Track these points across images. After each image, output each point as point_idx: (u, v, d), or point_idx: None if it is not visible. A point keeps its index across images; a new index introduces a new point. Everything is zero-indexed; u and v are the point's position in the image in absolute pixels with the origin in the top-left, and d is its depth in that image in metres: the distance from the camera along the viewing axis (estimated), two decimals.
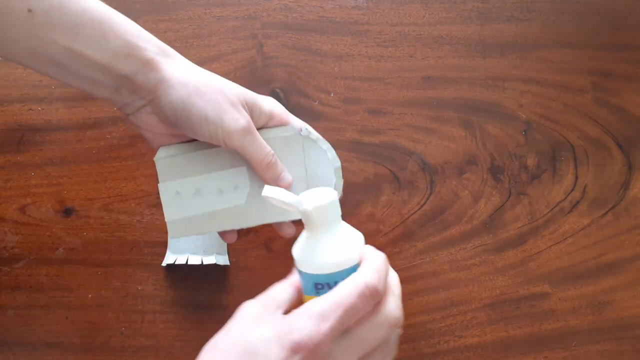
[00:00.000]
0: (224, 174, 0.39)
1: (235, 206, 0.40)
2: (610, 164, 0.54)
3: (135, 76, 0.35)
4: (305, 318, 0.30)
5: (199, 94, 0.36)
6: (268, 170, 0.38)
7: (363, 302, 0.30)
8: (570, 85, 0.54)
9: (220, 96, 0.36)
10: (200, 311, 0.49)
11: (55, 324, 0.48)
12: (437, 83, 0.53)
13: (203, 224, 0.40)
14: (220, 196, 0.39)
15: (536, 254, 0.52)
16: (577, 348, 0.51)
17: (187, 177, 0.39)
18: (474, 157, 0.53)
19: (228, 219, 0.40)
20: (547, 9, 0.55)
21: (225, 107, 0.36)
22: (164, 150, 0.39)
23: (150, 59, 0.35)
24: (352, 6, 0.53)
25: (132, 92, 0.36)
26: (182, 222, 0.39)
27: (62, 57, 0.34)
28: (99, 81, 0.35)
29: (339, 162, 0.41)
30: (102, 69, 0.34)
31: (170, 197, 0.39)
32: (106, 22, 0.34)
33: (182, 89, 0.35)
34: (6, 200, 0.49)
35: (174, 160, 0.39)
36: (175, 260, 0.46)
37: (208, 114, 0.35)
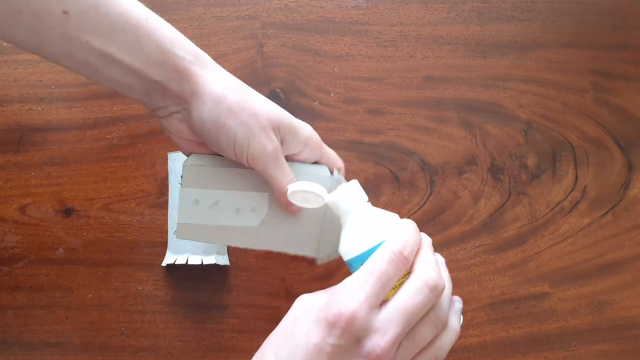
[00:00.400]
0: (246, 195, 0.40)
1: (247, 227, 0.40)
2: (610, 164, 0.54)
3: (169, 84, 0.35)
4: (339, 292, 0.30)
5: (231, 114, 0.35)
6: (283, 197, 0.38)
7: (393, 267, 0.30)
8: (570, 85, 0.54)
9: (252, 119, 0.35)
10: (200, 311, 0.49)
11: (55, 324, 0.48)
12: (437, 83, 0.53)
13: (212, 235, 0.40)
14: (235, 214, 0.40)
15: (536, 254, 0.52)
16: (577, 348, 0.51)
17: (209, 189, 0.39)
18: (474, 157, 0.53)
19: (237, 237, 0.40)
20: (547, 9, 0.55)
21: (255, 130, 0.35)
22: (195, 158, 0.39)
23: (184, 68, 0.34)
24: (352, 6, 0.53)
25: (165, 98, 0.36)
26: (192, 228, 0.40)
27: (95, 60, 0.33)
28: (132, 85, 0.35)
29: None
30: (135, 73, 0.34)
31: (188, 203, 0.39)
32: (142, 26, 0.33)
33: (214, 108, 0.35)
34: (6, 200, 0.49)
35: (202, 169, 0.39)
36: (175, 260, 0.46)
37: (237, 135, 0.35)
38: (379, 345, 0.29)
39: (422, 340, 0.31)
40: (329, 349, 0.29)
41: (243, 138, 0.35)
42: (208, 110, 0.35)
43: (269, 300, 0.50)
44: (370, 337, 0.29)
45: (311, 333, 0.30)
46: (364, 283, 0.30)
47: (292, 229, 0.41)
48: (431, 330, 0.31)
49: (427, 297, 0.30)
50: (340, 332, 0.29)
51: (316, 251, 0.41)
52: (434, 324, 0.31)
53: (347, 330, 0.29)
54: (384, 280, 0.30)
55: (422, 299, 0.30)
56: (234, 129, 0.35)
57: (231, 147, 0.36)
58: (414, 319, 0.30)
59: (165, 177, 0.50)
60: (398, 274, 0.31)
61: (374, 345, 0.29)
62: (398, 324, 0.29)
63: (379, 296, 0.30)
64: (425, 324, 0.31)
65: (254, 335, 0.49)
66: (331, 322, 0.29)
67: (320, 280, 0.50)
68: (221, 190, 0.39)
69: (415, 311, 0.30)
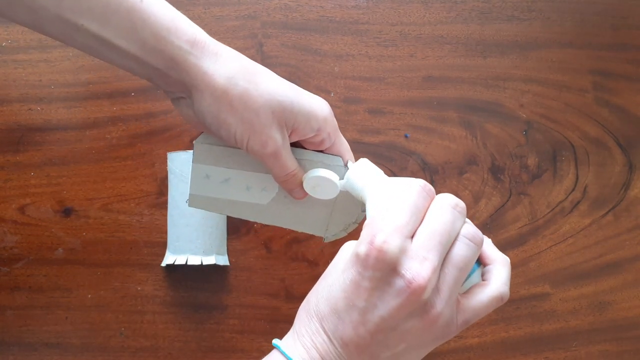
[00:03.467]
0: (257, 176, 0.40)
1: (257, 204, 0.40)
2: (611, 164, 0.54)
3: (168, 72, 0.33)
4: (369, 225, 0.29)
5: (231, 111, 0.33)
6: (282, 184, 0.38)
7: (421, 198, 0.29)
8: (571, 85, 0.54)
9: (253, 117, 0.33)
10: (200, 311, 0.49)
11: (54, 324, 0.48)
12: (438, 83, 0.53)
13: (222, 207, 0.41)
14: (246, 191, 0.40)
15: (537, 254, 0.52)
16: (577, 348, 0.51)
17: (220, 167, 0.39)
18: (474, 157, 0.52)
19: (247, 211, 0.41)
20: (548, 9, 0.54)
21: (256, 128, 0.34)
22: (205, 136, 0.39)
23: (182, 60, 0.33)
24: (352, 5, 0.53)
25: (168, 84, 0.35)
26: (204, 199, 0.41)
27: (94, 44, 0.33)
28: (134, 69, 0.34)
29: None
30: (134, 59, 0.33)
31: (199, 177, 0.40)
32: (136, 10, 0.32)
33: (213, 104, 0.33)
34: (5, 200, 0.49)
35: (211, 148, 0.39)
36: (174, 261, 0.46)
37: (237, 132, 0.34)
38: (419, 274, 0.27)
39: (460, 259, 0.29)
40: (366, 283, 0.28)
41: (243, 135, 0.34)
42: (208, 105, 0.34)
43: (268, 301, 0.50)
44: (409, 266, 0.27)
45: (347, 269, 0.29)
46: (395, 214, 0.28)
47: (303, 210, 0.41)
48: (467, 247, 0.29)
49: (453, 215, 0.29)
50: (375, 262, 0.27)
51: (324, 231, 0.42)
52: (468, 239, 0.29)
53: (381, 259, 0.27)
54: (413, 210, 0.29)
55: (449, 217, 0.29)
56: (234, 126, 0.34)
57: (232, 141, 0.35)
58: (447, 240, 0.29)
59: (165, 177, 0.50)
60: (425, 204, 0.30)
61: (414, 275, 0.27)
62: (434, 247, 0.28)
63: (411, 226, 0.28)
64: (460, 242, 0.29)
65: (253, 335, 0.49)
66: (365, 255, 0.28)
67: None
68: (232, 169, 0.39)
69: (447, 230, 0.29)
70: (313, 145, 0.38)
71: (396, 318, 0.28)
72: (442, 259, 0.28)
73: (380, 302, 0.28)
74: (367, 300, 0.28)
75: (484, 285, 0.31)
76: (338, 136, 0.38)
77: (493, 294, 0.30)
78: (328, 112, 0.37)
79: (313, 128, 0.36)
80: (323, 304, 0.30)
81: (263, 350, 0.49)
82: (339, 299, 0.29)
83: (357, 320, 0.28)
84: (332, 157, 0.39)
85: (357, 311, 0.28)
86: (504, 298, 0.31)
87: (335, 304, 0.29)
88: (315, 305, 0.30)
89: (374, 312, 0.28)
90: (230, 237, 0.50)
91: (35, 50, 0.50)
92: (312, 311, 0.30)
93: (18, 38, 0.50)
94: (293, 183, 0.38)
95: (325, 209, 0.41)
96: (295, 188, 0.38)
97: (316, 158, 0.38)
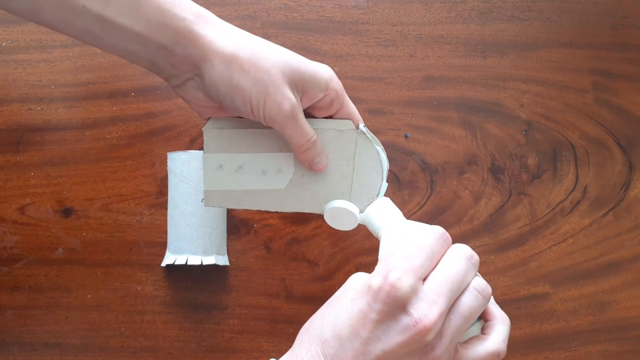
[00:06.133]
0: (270, 157, 0.39)
1: (274, 190, 0.40)
2: (611, 164, 0.54)
3: (175, 48, 0.33)
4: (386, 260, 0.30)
5: (243, 74, 0.33)
6: (304, 155, 0.37)
7: (439, 245, 0.31)
8: (571, 85, 0.54)
9: (265, 76, 0.33)
10: (200, 311, 0.49)
11: (54, 324, 0.48)
12: (438, 83, 0.53)
13: (240, 200, 0.40)
14: (261, 177, 0.39)
15: (537, 254, 0.52)
16: (577, 348, 0.51)
17: (232, 152, 0.39)
18: (474, 157, 0.52)
19: (265, 200, 0.40)
20: (548, 9, 0.54)
21: (270, 88, 0.33)
22: (213, 122, 0.39)
23: (188, 30, 0.33)
24: (352, 5, 0.53)
25: (174, 66, 0.34)
26: (219, 194, 0.40)
27: (95, 27, 0.32)
28: (136, 53, 0.34)
29: (388, 165, 0.40)
30: (137, 38, 0.33)
31: (213, 169, 0.39)
32: None
33: (225, 69, 0.33)
34: (5, 201, 0.49)
35: (222, 133, 0.38)
36: (174, 261, 0.46)
37: (252, 96, 0.33)
38: (426, 316, 0.28)
39: (467, 309, 0.30)
40: (374, 315, 0.28)
41: (258, 98, 0.33)
42: (219, 73, 0.33)
43: (268, 301, 0.50)
44: (418, 306, 0.28)
45: (357, 299, 0.29)
46: (412, 255, 0.30)
47: (322, 188, 0.40)
48: (476, 298, 0.31)
49: (466, 266, 0.31)
50: (386, 296, 0.28)
51: None
52: (478, 291, 0.31)
53: (392, 295, 0.28)
54: (430, 255, 0.30)
55: (463, 267, 0.30)
56: (249, 90, 0.33)
57: (248, 109, 0.34)
58: (457, 288, 0.30)
59: (165, 177, 0.50)
60: (441, 250, 0.31)
61: (422, 316, 0.28)
62: (444, 293, 0.29)
63: (425, 269, 0.30)
64: (470, 293, 0.31)
65: (253, 335, 0.49)
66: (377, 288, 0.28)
67: (321, 280, 0.50)
68: (244, 153, 0.39)
69: (459, 279, 0.30)
70: (324, 110, 0.38)
71: (396, 354, 0.28)
72: (449, 305, 0.30)
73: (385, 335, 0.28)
74: (372, 331, 0.28)
75: (483, 339, 0.32)
76: (345, 97, 0.38)
77: (491, 349, 0.31)
78: (332, 72, 0.37)
79: (322, 88, 0.36)
80: (327, 328, 0.30)
81: (263, 351, 0.49)
82: (344, 326, 0.29)
83: (358, 349, 0.29)
84: (342, 121, 0.39)
85: (360, 341, 0.29)
86: (501, 355, 0.32)
87: (339, 331, 0.29)
88: (319, 329, 0.30)
89: (376, 345, 0.28)
90: (230, 237, 0.50)
91: (35, 50, 0.50)
92: (314, 334, 0.30)
93: (18, 38, 0.50)
94: (314, 151, 0.37)
95: (344, 181, 0.40)
96: (316, 157, 0.38)
97: (327, 125, 0.38)
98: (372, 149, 0.39)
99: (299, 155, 0.38)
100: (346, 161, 0.39)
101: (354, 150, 0.39)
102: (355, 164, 0.39)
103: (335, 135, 0.39)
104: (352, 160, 0.39)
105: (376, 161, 0.39)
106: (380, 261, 0.30)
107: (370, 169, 0.39)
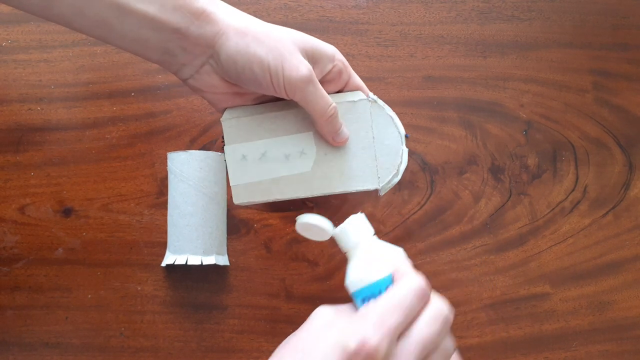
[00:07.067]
0: (291, 139, 0.39)
1: (301, 174, 0.39)
2: (611, 164, 0.54)
3: (188, 29, 0.34)
4: (363, 320, 0.29)
5: (259, 43, 0.34)
6: (328, 124, 0.37)
7: (417, 301, 0.30)
8: (571, 85, 0.54)
9: (279, 44, 0.34)
10: (200, 311, 0.49)
11: (54, 324, 0.48)
12: (438, 83, 0.53)
13: (268, 191, 0.39)
14: (286, 162, 0.39)
15: (537, 254, 0.52)
16: (577, 348, 0.51)
17: (253, 140, 0.39)
18: (474, 157, 0.53)
19: (293, 187, 0.39)
20: (548, 9, 0.54)
21: (285, 54, 0.34)
22: (230, 111, 0.39)
23: (202, 9, 0.34)
24: (352, 5, 0.53)
25: (187, 50, 0.35)
26: (246, 188, 0.39)
27: (108, 14, 0.33)
28: (149, 40, 0.34)
29: (404, 131, 0.40)
30: (151, 24, 0.33)
31: (236, 161, 0.39)
32: None
33: (240, 40, 0.34)
34: (5, 201, 0.49)
35: (240, 122, 0.38)
36: (174, 261, 0.46)
37: (270, 63, 0.34)
38: None
39: None
40: None
41: (276, 64, 0.34)
42: (235, 44, 0.34)
43: (268, 301, 0.50)
44: None
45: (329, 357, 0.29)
46: (389, 314, 0.29)
47: (347, 163, 0.40)
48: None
49: (442, 327, 0.31)
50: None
51: (377, 181, 0.40)
52: (443, 355, 0.31)
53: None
54: (407, 313, 0.30)
55: (439, 328, 0.30)
56: (266, 57, 0.34)
57: (267, 77, 0.34)
58: (431, 349, 0.30)
59: (165, 177, 0.50)
60: (419, 309, 0.31)
61: None
62: (417, 355, 0.29)
63: (402, 328, 0.30)
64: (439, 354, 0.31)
65: (253, 335, 0.49)
66: (353, 351, 0.28)
67: (320, 280, 0.50)
68: (265, 140, 0.39)
69: (432, 341, 0.30)
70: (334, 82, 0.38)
71: None
72: None
73: None
74: None
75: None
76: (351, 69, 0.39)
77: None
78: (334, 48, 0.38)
79: (330, 58, 0.37)
80: None
81: (263, 350, 0.49)
82: None
83: None
84: (353, 93, 0.39)
85: None
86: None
87: None
88: None
89: None
90: (230, 237, 0.50)
91: (35, 50, 0.50)
92: None
93: (18, 38, 0.50)
94: (337, 120, 0.37)
95: (367, 152, 0.40)
96: (339, 127, 0.38)
97: (339, 99, 0.39)
98: (386, 116, 0.40)
99: (322, 127, 0.37)
100: (364, 132, 0.39)
101: (370, 119, 0.39)
102: (375, 133, 0.39)
103: (349, 107, 0.39)
104: (370, 129, 0.39)
105: (392, 127, 0.39)
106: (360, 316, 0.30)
107: (388, 135, 0.39)
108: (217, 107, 0.39)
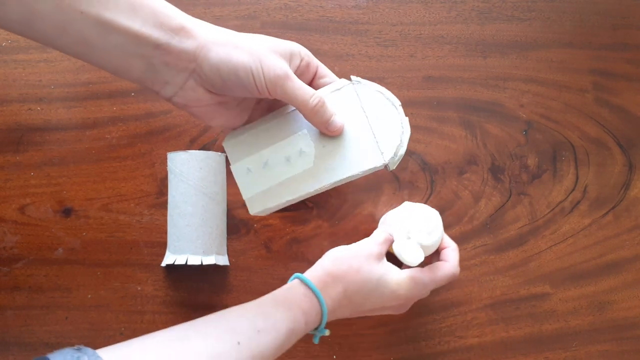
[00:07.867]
0: (287, 142, 0.40)
1: (305, 171, 0.40)
2: (611, 164, 0.54)
3: (170, 44, 0.35)
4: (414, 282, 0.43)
5: (239, 50, 0.36)
6: (316, 115, 0.38)
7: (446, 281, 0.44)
8: (571, 85, 0.54)
9: (257, 48, 0.36)
10: (200, 311, 0.49)
11: (54, 324, 0.48)
12: (438, 83, 0.53)
13: (279, 194, 0.40)
14: (288, 164, 0.40)
15: (537, 254, 0.52)
16: (577, 348, 0.51)
17: (253, 153, 0.41)
18: (474, 157, 0.52)
19: (301, 185, 0.40)
20: (548, 9, 0.54)
21: (263, 58, 0.36)
22: (230, 135, 0.41)
23: (181, 25, 0.35)
24: (352, 5, 0.53)
25: (170, 65, 0.36)
26: (258, 197, 0.40)
27: (91, 33, 0.33)
28: (133, 57, 0.35)
29: (398, 100, 0.41)
30: (134, 40, 0.34)
31: (243, 176, 0.41)
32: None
33: (221, 50, 0.36)
34: (5, 201, 0.49)
35: (239, 140, 0.41)
36: (174, 261, 0.46)
37: (252, 66, 0.36)
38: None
39: None
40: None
41: (257, 67, 0.36)
42: (217, 54, 0.36)
43: None
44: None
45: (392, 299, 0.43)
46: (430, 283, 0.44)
47: (349, 149, 0.40)
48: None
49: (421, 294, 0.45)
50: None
51: (382, 157, 0.40)
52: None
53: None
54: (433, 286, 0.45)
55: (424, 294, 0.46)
56: (247, 62, 0.36)
57: (251, 80, 0.36)
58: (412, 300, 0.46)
59: (165, 177, 0.50)
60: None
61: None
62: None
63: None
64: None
65: None
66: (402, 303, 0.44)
67: None
68: (264, 149, 0.40)
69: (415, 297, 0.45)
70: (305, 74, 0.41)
71: None
72: None
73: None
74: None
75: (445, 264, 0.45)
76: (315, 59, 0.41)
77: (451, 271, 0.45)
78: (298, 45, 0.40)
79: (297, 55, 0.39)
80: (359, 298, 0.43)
81: None
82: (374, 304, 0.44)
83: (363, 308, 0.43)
84: (338, 82, 0.41)
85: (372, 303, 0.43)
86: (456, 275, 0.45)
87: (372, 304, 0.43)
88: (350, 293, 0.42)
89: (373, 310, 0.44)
90: (230, 237, 0.50)
91: (35, 50, 0.50)
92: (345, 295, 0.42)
93: (18, 38, 0.50)
94: (326, 110, 0.38)
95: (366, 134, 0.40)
96: (329, 116, 0.39)
97: (324, 91, 0.41)
98: (374, 93, 0.40)
99: (312, 118, 0.38)
100: (357, 114, 0.40)
101: (358, 101, 0.40)
102: (367, 112, 0.40)
103: (336, 96, 0.40)
104: (361, 110, 0.40)
105: (384, 102, 0.40)
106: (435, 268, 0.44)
107: (382, 110, 0.40)
108: (203, 119, 0.40)
